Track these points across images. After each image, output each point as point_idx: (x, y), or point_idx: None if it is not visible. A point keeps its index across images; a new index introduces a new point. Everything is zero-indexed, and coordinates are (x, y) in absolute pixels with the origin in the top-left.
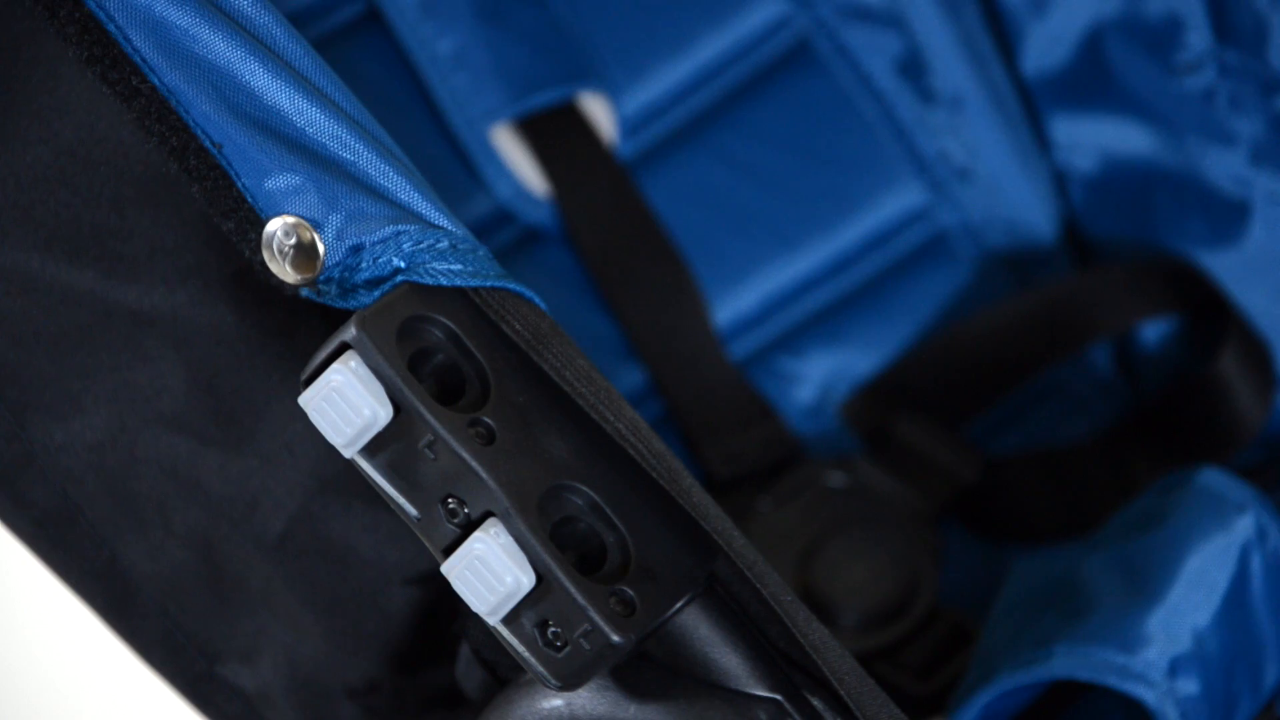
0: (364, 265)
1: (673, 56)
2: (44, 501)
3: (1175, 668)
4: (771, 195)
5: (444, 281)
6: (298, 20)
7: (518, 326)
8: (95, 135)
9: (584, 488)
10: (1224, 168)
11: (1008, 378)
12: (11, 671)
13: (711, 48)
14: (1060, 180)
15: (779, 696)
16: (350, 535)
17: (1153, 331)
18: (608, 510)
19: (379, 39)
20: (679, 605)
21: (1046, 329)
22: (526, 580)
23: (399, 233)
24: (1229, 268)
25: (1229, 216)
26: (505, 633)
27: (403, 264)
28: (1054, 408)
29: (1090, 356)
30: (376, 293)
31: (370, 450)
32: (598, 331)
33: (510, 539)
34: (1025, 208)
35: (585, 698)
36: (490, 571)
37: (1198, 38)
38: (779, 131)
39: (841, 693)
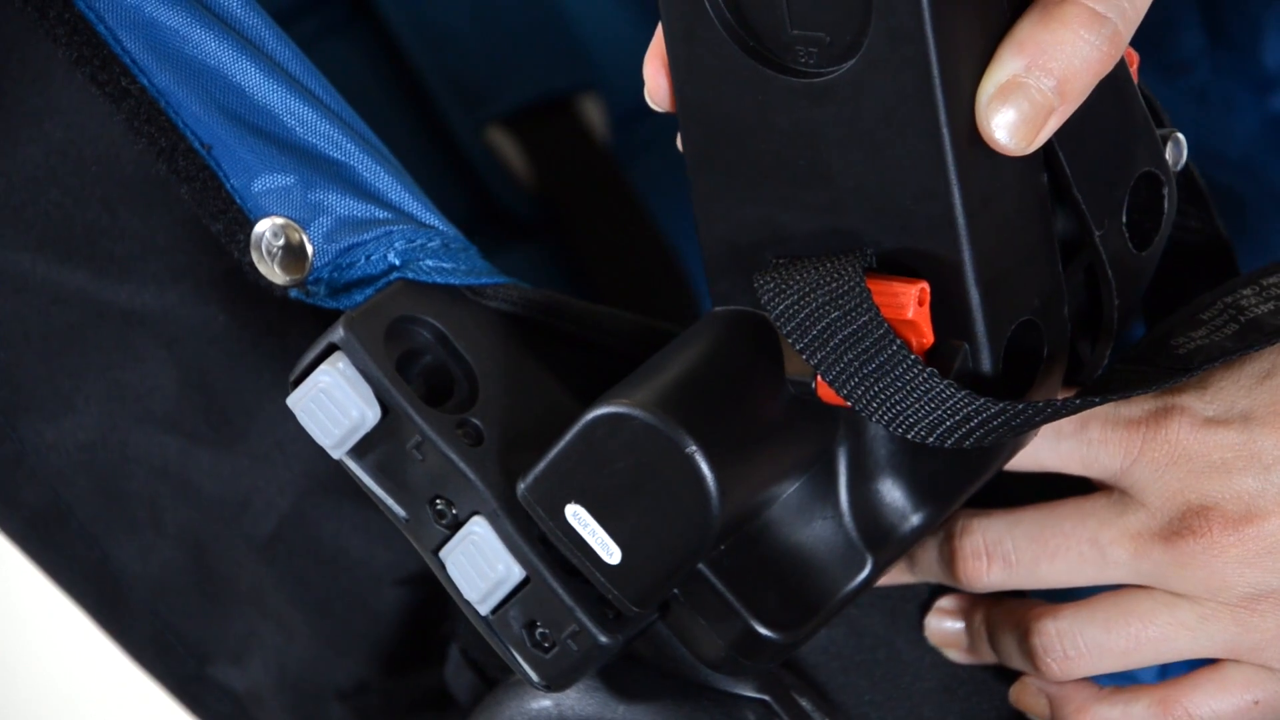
0: (357, 264)
1: None
2: (35, 501)
3: None
4: None
5: (437, 279)
6: (289, 15)
7: (522, 310)
8: (86, 135)
9: None
10: (1217, 167)
11: None
12: (4, 671)
13: None
14: None
15: (767, 697)
16: (341, 535)
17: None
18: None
19: (370, 34)
20: None
21: None
22: (518, 570)
23: (390, 232)
24: None
25: (1222, 215)
26: (493, 632)
27: (397, 261)
28: None
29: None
30: (369, 290)
31: (358, 451)
32: None
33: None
34: None
35: (574, 698)
36: (483, 557)
37: (1191, 37)
38: None
39: None
